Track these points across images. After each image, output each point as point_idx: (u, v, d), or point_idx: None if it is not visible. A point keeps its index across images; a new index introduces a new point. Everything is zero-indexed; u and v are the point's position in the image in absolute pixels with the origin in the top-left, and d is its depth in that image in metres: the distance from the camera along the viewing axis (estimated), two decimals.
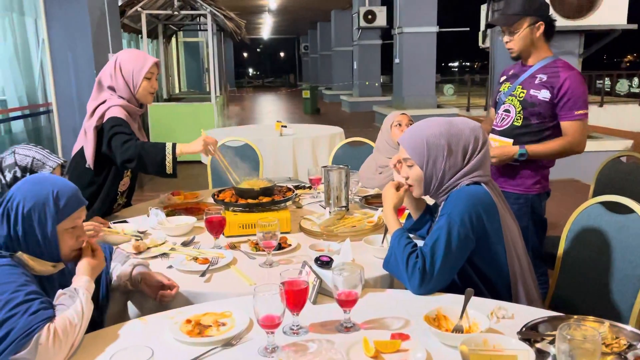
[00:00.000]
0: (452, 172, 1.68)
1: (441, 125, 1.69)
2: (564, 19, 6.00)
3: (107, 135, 2.31)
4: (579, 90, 2.29)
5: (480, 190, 1.66)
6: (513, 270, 1.68)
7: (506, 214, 1.70)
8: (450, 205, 1.64)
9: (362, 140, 3.69)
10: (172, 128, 7.80)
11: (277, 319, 1.24)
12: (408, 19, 11.42)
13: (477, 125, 1.72)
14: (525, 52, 2.40)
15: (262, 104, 21.93)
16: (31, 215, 1.37)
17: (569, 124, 2.32)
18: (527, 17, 2.32)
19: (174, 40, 12.57)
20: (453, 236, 1.58)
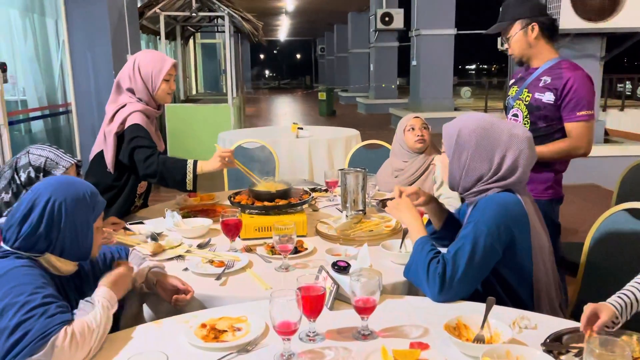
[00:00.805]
0: (474, 175, 1.62)
1: (480, 122, 1.63)
2: (585, 21, 5.90)
3: (128, 146, 2.32)
4: (583, 91, 2.24)
5: (511, 199, 1.59)
6: (538, 280, 1.62)
7: (537, 223, 1.64)
8: (479, 212, 1.59)
9: (379, 142, 3.65)
10: (189, 129, 7.83)
11: (294, 326, 1.21)
12: (426, 21, 11.34)
13: (524, 137, 1.61)
14: (525, 55, 2.37)
15: (278, 105, 21.97)
16: (75, 213, 1.38)
17: (572, 125, 2.27)
18: (518, 20, 2.31)
19: (191, 42, 12.64)
20: (478, 246, 1.53)
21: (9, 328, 1.19)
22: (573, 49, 6.28)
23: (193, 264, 1.79)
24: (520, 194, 1.61)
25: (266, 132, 5.76)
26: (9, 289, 1.23)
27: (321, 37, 30.16)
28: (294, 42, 43.33)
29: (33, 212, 1.35)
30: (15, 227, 1.35)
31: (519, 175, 1.61)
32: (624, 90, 15.05)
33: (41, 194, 1.37)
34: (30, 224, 1.34)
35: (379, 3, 14.86)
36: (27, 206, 1.36)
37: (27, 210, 1.36)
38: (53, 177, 1.47)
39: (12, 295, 1.22)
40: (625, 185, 2.83)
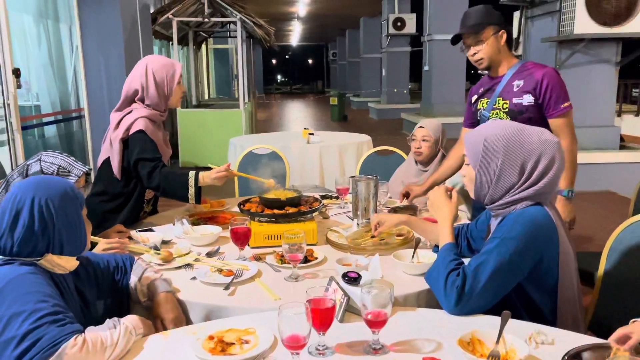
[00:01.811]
0: (506, 184, 1.54)
1: (507, 128, 1.56)
2: (600, 26, 5.83)
3: (133, 156, 2.31)
4: (557, 85, 2.30)
5: (541, 213, 1.52)
6: (562, 297, 1.56)
7: (565, 239, 1.56)
8: (507, 228, 1.51)
9: (391, 149, 3.62)
10: (201, 134, 7.85)
11: (303, 340, 1.18)
12: (438, 26, 11.29)
13: (554, 141, 1.55)
14: (495, 60, 2.40)
15: (289, 110, 22.00)
16: (64, 207, 1.38)
17: (558, 120, 2.31)
18: (490, 25, 2.35)
19: (204, 47, 12.71)
20: (503, 263, 1.47)
21: (17, 337, 1.17)
22: (587, 54, 6.21)
23: (201, 273, 1.76)
24: (549, 207, 1.55)
25: (277, 138, 5.74)
26: (15, 298, 1.21)
27: (333, 42, 30.18)
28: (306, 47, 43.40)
29: (21, 215, 1.33)
30: (7, 234, 1.32)
31: (550, 184, 1.54)
32: None
33: (23, 196, 1.35)
34: (23, 227, 1.32)
35: (391, 8, 14.85)
36: (11, 211, 1.33)
37: (13, 215, 1.33)
38: (27, 179, 1.44)
39: (19, 304, 1.20)
40: None
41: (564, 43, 6.18)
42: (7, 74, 3.94)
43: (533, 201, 1.54)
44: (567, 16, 6.00)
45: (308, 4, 16.68)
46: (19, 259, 1.32)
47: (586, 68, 6.29)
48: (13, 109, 4.00)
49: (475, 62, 2.44)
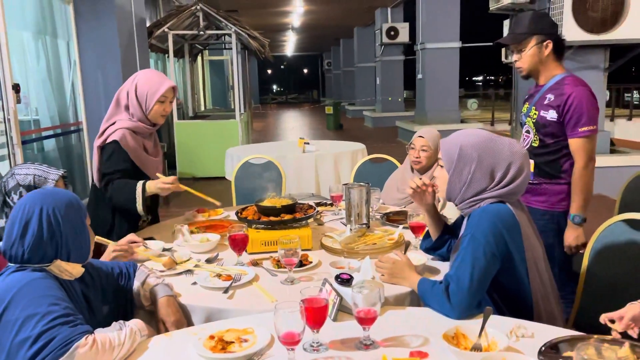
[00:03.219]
0: (476, 187, 1.67)
1: (481, 137, 1.68)
2: (587, 33, 5.96)
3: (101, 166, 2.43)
4: (583, 107, 2.26)
5: (503, 209, 1.64)
6: (535, 290, 1.67)
7: (530, 233, 1.69)
8: (474, 224, 1.64)
9: (384, 157, 3.71)
10: (198, 145, 7.94)
11: (298, 336, 1.26)
12: (430, 34, 11.45)
13: (521, 153, 1.68)
14: (534, 70, 2.40)
15: (285, 120, 22.13)
16: (70, 216, 1.47)
17: (574, 141, 2.31)
18: (534, 35, 2.33)
19: (199, 59, 12.84)
20: (479, 255, 1.58)
21: (31, 337, 1.25)
22: (576, 61, 6.33)
23: (202, 278, 1.84)
24: (513, 206, 1.66)
25: (273, 148, 5.84)
26: (29, 301, 1.30)
27: (327, 51, 30.41)
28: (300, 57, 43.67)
29: (30, 224, 1.42)
30: (18, 242, 1.41)
31: (515, 189, 1.66)
32: (632, 99, 15.04)
33: (31, 207, 1.44)
34: (33, 235, 1.41)
35: (384, 18, 15.04)
36: (21, 221, 1.42)
37: (23, 224, 1.42)
38: (34, 191, 1.53)
39: (33, 307, 1.29)
40: (628, 195, 2.87)
41: None
42: (7, 90, 4.03)
43: (496, 200, 1.66)
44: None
45: (302, 15, 16.86)
46: (30, 265, 1.41)
47: (575, 74, 6.40)
48: (13, 124, 4.09)
49: (516, 69, 2.47)
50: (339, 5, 14.86)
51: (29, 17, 5.06)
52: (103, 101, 5.55)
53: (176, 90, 2.56)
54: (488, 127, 12.94)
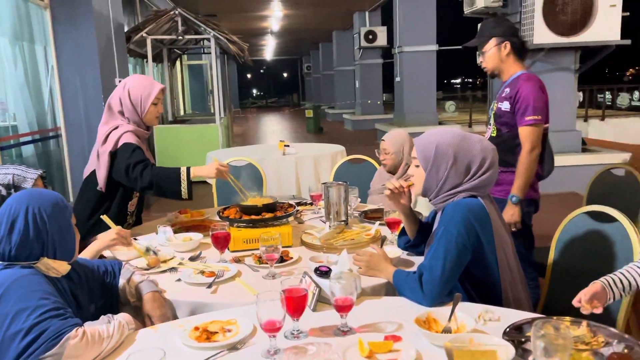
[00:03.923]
0: (452, 183, 1.76)
1: (454, 135, 1.78)
2: (557, 36, 6.15)
3: (123, 163, 2.45)
4: (529, 99, 2.51)
5: (475, 202, 1.74)
6: (504, 278, 1.77)
7: (499, 225, 1.79)
8: (447, 217, 1.73)
9: (363, 157, 3.81)
10: (178, 149, 7.95)
11: (278, 323, 1.34)
12: (408, 38, 11.62)
13: (491, 148, 1.79)
14: (497, 69, 2.66)
15: (265, 124, 22.17)
16: (55, 216, 1.52)
17: (521, 129, 2.54)
18: (493, 37, 2.61)
19: (178, 64, 12.82)
20: (451, 246, 1.67)
21: (23, 330, 1.30)
22: (548, 63, 6.53)
23: (185, 275, 1.90)
24: (484, 199, 1.76)
25: (253, 151, 5.90)
26: (20, 296, 1.35)
27: (307, 55, 30.53)
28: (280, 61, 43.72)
29: (17, 222, 1.47)
30: (5, 240, 1.47)
31: (485, 181, 1.77)
32: (604, 100, 15.42)
33: (18, 206, 1.50)
34: (19, 233, 1.47)
35: (362, 22, 15.21)
36: (8, 220, 1.48)
37: (10, 222, 1.47)
38: (22, 191, 1.59)
39: (24, 301, 1.34)
40: (594, 190, 3.01)
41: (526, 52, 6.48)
42: None
43: (468, 194, 1.75)
44: (526, 27, 6.32)
45: (281, 19, 16.95)
46: (18, 263, 1.46)
47: (547, 76, 6.60)
48: None
49: (482, 68, 2.76)
50: (318, 9, 14.99)
51: (6, 22, 5.04)
52: (82, 106, 5.55)
53: (164, 91, 2.66)
54: (466, 129, 13.15)
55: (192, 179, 2.45)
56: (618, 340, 1.32)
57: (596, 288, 1.51)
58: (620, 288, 1.54)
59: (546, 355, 1.11)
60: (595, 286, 1.52)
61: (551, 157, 2.81)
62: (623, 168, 2.94)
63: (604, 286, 1.52)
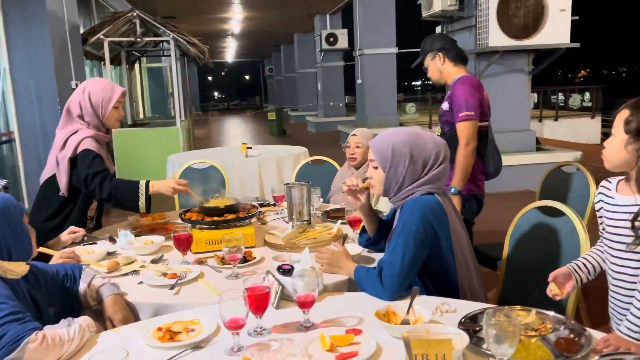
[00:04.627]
0: (410, 179, 1.82)
1: (408, 134, 1.85)
2: (511, 39, 6.36)
3: (82, 172, 2.42)
4: (463, 96, 2.73)
5: (432, 199, 1.81)
6: (460, 272, 1.84)
7: (456, 222, 1.86)
8: (406, 214, 1.79)
9: (324, 158, 3.86)
10: (138, 153, 7.80)
11: (241, 321, 1.36)
12: (368, 41, 11.77)
13: (442, 142, 1.88)
14: (439, 78, 2.95)
15: (228, 126, 22.00)
16: (6, 217, 1.50)
17: (457, 125, 2.74)
18: (428, 53, 2.91)
19: (137, 66, 12.60)
20: (409, 242, 1.73)
21: None
22: (503, 65, 6.74)
23: (147, 277, 1.90)
24: (440, 196, 1.83)
25: (216, 153, 5.85)
26: None
27: (269, 57, 30.47)
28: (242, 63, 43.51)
29: None
30: None
31: (439, 174, 1.84)
32: (557, 101, 15.97)
33: None
34: None
35: (323, 24, 15.30)
36: None
37: None
38: None
39: None
40: (546, 186, 3.13)
41: (481, 55, 6.68)
42: None
43: (425, 191, 1.82)
44: (482, 30, 6.51)
45: (241, 21, 16.87)
46: None
47: (502, 77, 6.82)
48: None
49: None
50: (278, 11, 15.00)
51: None
52: (36, 110, 5.40)
53: (125, 94, 2.64)
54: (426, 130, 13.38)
55: (151, 193, 2.46)
56: (564, 326, 1.40)
57: (562, 270, 1.66)
58: (586, 272, 1.69)
59: (497, 342, 1.17)
60: (563, 270, 1.67)
61: (497, 155, 2.94)
62: (573, 165, 3.08)
63: (570, 272, 1.67)
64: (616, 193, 1.62)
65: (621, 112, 1.55)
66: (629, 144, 1.50)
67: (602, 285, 1.78)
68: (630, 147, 1.50)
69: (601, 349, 1.28)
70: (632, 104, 1.54)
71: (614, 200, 1.61)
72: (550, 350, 1.29)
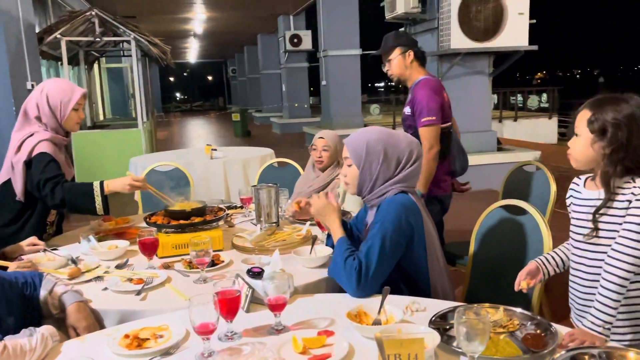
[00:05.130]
0: (384, 177, 1.84)
1: (382, 133, 1.88)
2: (472, 41, 6.49)
3: (35, 177, 2.33)
4: (423, 102, 2.75)
5: (408, 198, 1.83)
6: (432, 271, 1.86)
7: (427, 221, 1.88)
8: (383, 213, 1.80)
9: (287, 160, 3.84)
10: (99, 156, 7.61)
11: (212, 325, 1.33)
12: (332, 42, 11.82)
13: (415, 141, 1.91)
14: (402, 75, 2.90)
15: (191, 128, 21.68)
16: None
17: (420, 130, 2.78)
18: (398, 46, 2.86)
19: (96, 67, 12.28)
20: (386, 242, 1.74)
21: None
22: (464, 66, 6.88)
23: (112, 283, 1.84)
24: (413, 195, 1.86)
25: (179, 155, 5.76)
26: None
27: (232, 58, 30.20)
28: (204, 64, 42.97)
29: None
30: None
31: (413, 172, 1.87)
32: (516, 102, 16.40)
33: None
34: None
35: (287, 25, 15.27)
36: None
37: None
38: None
39: None
40: (508, 185, 3.21)
41: (444, 57, 6.80)
42: None
43: (399, 190, 1.84)
44: (444, 33, 6.62)
45: (204, 22, 16.66)
46: None
47: (464, 79, 6.96)
48: None
49: (389, 76, 2.96)
50: (241, 12, 14.88)
51: None
52: None
53: (86, 96, 2.55)
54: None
55: (107, 193, 2.39)
56: (531, 322, 1.44)
57: (531, 266, 1.71)
58: (554, 264, 1.75)
59: (468, 340, 1.19)
60: (531, 265, 1.72)
61: (462, 154, 3.00)
62: (534, 165, 3.16)
63: (538, 265, 1.72)
64: (584, 188, 1.68)
65: (582, 113, 1.60)
66: (595, 143, 1.55)
67: (563, 281, 1.83)
68: (597, 145, 1.55)
69: (567, 344, 1.32)
70: (592, 104, 1.60)
71: (581, 194, 1.68)
72: (518, 346, 1.31)
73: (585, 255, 1.64)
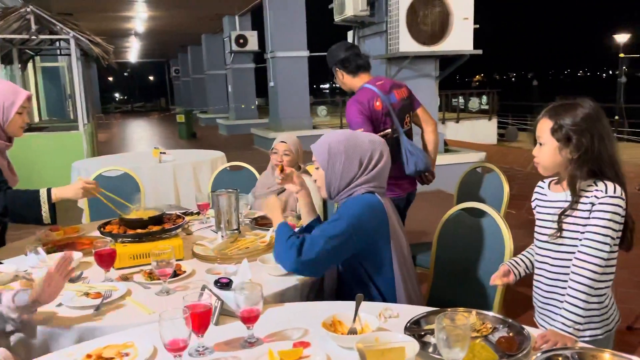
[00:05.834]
0: (349, 177, 1.87)
1: (344, 135, 1.93)
2: (420, 45, 6.63)
3: None
4: (349, 117, 2.84)
5: (373, 198, 1.86)
6: (401, 274, 1.87)
7: (396, 224, 1.90)
8: (345, 208, 1.84)
9: (242, 164, 3.76)
10: (37, 160, 7.22)
11: (183, 342, 1.27)
12: (279, 43, 11.77)
13: (380, 141, 1.94)
14: (348, 89, 3.06)
15: (133, 129, 21.01)
16: None
17: None
18: (333, 66, 3.03)
19: (30, 66, 11.66)
20: (339, 232, 1.76)
21: None
22: (413, 70, 7.01)
23: (67, 299, 1.73)
24: (381, 196, 1.86)
25: (126, 159, 5.55)
26: None
27: (175, 58, 29.54)
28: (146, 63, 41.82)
29: None
30: None
31: (380, 172, 1.89)
32: (458, 104, 16.92)
33: None
34: None
35: (232, 25, 15.08)
36: None
37: None
38: None
39: None
40: (463, 187, 3.28)
41: (392, 60, 6.90)
42: None
43: (366, 190, 1.87)
44: (392, 36, 6.72)
45: (145, 21, 16.20)
46: None
47: (412, 82, 7.08)
48: None
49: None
50: (184, 11, 14.57)
51: None
52: None
53: (31, 99, 2.39)
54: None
55: (54, 201, 2.25)
56: (503, 325, 1.46)
57: (504, 269, 1.78)
58: (524, 267, 1.81)
59: (447, 346, 1.19)
60: (503, 267, 1.78)
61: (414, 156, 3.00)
62: (486, 166, 3.24)
63: (510, 268, 1.79)
64: (549, 191, 1.75)
65: (542, 121, 1.65)
66: (562, 150, 1.62)
67: (527, 283, 1.89)
68: (564, 152, 1.61)
69: (540, 346, 1.35)
70: (551, 113, 1.65)
71: (547, 197, 1.74)
72: (493, 350, 1.33)
73: (549, 254, 1.70)
